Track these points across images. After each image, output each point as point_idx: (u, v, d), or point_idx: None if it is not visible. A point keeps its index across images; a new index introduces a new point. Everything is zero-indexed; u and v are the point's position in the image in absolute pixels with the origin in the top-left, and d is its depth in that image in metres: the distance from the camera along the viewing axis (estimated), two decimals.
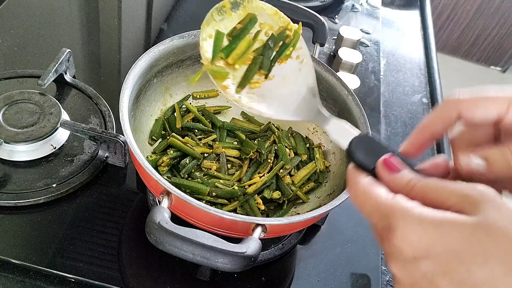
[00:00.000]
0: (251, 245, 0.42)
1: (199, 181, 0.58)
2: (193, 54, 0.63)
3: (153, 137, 0.63)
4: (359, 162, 0.35)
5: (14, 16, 0.84)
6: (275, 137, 0.64)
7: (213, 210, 0.45)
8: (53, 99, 0.66)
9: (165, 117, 0.64)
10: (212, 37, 0.47)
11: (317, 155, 0.63)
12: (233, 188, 0.58)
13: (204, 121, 0.65)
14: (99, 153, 0.64)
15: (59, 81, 0.72)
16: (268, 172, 0.61)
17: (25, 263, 0.53)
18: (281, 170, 0.61)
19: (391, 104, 0.88)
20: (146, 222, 0.42)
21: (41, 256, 0.54)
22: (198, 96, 0.68)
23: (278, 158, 0.62)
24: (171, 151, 0.60)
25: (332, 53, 0.92)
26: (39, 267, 0.53)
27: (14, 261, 0.53)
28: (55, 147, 0.64)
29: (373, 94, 0.87)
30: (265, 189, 0.59)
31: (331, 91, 0.62)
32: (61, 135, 0.65)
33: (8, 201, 0.57)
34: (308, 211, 0.49)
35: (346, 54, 0.85)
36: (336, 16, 1.03)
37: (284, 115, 0.46)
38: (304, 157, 0.63)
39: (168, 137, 0.61)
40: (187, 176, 0.59)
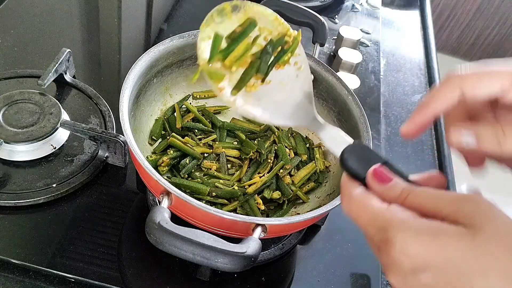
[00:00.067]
0: (251, 245, 0.42)
1: (199, 181, 0.58)
2: (193, 54, 0.63)
3: (153, 137, 0.63)
4: (351, 171, 0.35)
5: (14, 16, 0.84)
6: (275, 137, 0.65)
7: (213, 210, 0.45)
8: (53, 99, 0.66)
9: (165, 117, 0.64)
10: (211, 39, 0.47)
11: (317, 155, 0.63)
12: (233, 188, 0.58)
13: (204, 121, 0.65)
14: (99, 153, 0.64)
15: (59, 81, 0.72)
16: (268, 172, 0.61)
17: (25, 263, 0.53)
18: (281, 170, 0.61)
19: (391, 104, 0.88)
20: (146, 222, 0.42)
21: (41, 256, 0.54)
22: (198, 96, 0.68)
23: (278, 158, 0.62)
24: (171, 151, 0.60)
25: (332, 53, 0.92)
26: (39, 267, 0.53)
27: (14, 261, 0.53)
28: (55, 147, 0.64)
29: (373, 94, 0.87)
30: (265, 189, 0.59)
31: (331, 91, 0.62)
32: (61, 135, 0.65)
33: (8, 201, 0.57)
34: (308, 211, 0.49)
35: (346, 54, 0.85)
36: (336, 16, 1.03)
37: (279, 120, 0.47)
38: (304, 157, 0.63)
39: (168, 137, 0.61)
40: (187, 176, 0.59)
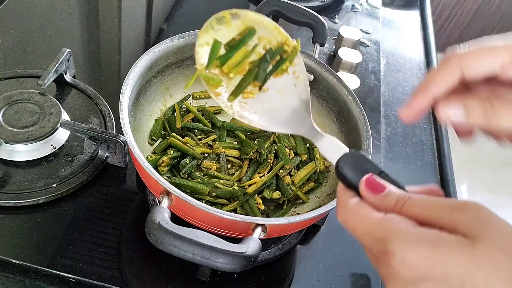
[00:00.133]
0: (251, 245, 0.42)
1: (199, 181, 0.58)
2: (193, 54, 0.63)
3: (153, 137, 0.63)
4: (346, 180, 0.35)
5: (14, 16, 0.84)
6: (275, 137, 0.64)
7: (213, 210, 0.45)
8: (53, 99, 0.66)
9: (165, 117, 0.64)
10: (209, 45, 0.47)
11: (317, 155, 0.63)
12: (233, 188, 0.58)
13: (204, 121, 0.65)
14: (99, 153, 0.64)
15: (59, 81, 0.72)
16: (268, 172, 0.61)
17: (25, 263, 0.53)
18: (281, 170, 0.61)
19: (391, 104, 0.88)
20: (146, 222, 0.42)
21: (41, 256, 0.54)
22: (198, 96, 0.68)
23: (278, 158, 0.62)
24: (171, 151, 0.60)
25: (332, 53, 0.92)
26: (39, 267, 0.53)
27: (14, 261, 0.53)
28: (55, 147, 0.64)
29: (373, 94, 0.87)
30: (265, 189, 0.59)
31: (331, 91, 0.62)
32: (61, 135, 0.65)
33: (8, 201, 0.57)
34: (308, 211, 0.49)
35: (346, 54, 0.85)
36: (336, 16, 1.03)
37: (275, 127, 0.47)
38: (304, 157, 0.63)
39: (168, 137, 0.61)
40: (187, 176, 0.59)
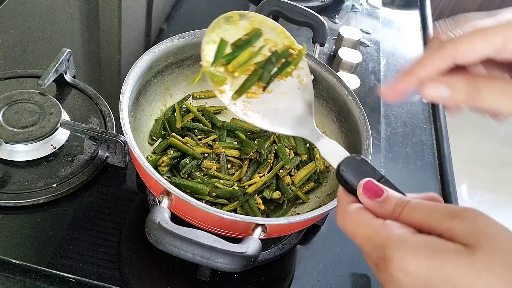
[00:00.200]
0: (251, 245, 0.42)
1: (199, 181, 0.58)
2: (193, 54, 0.63)
3: (153, 137, 0.63)
4: (347, 185, 0.35)
5: (15, 16, 0.84)
6: (275, 137, 0.64)
7: (213, 210, 0.45)
8: (53, 99, 0.66)
9: (165, 117, 0.64)
10: (216, 43, 0.48)
11: (317, 155, 0.63)
12: (233, 188, 0.58)
13: (204, 121, 0.65)
14: (99, 153, 0.64)
15: (59, 81, 0.72)
16: (268, 172, 0.61)
17: (25, 263, 0.53)
18: (281, 170, 0.61)
19: (391, 104, 0.88)
20: (146, 222, 0.42)
21: (41, 256, 0.54)
22: (198, 96, 0.68)
23: (278, 158, 0.62)
24: (171, 151, 0.60)
25: (332, 53, 0.92)
26: (39, 267, 0.53)
27: (14, 261, 0.53)
28: (55, 147, 0.64)
29: (373, 94, 0.87)
30: (265, 189, 0.59)
31: (331, 91, 0.62)
32: (61, 135, 0.65)
33: (8, 201, 0.57)
34: (308, 211, 0.49)
35: (346, 54, 0.85)
36: (336, 16, 1.03)
37: (277, 128, 0.47)
38: (304, 157, 0.63)
39: (168, 137, 0.61)
40: (187, 176, 0.59)
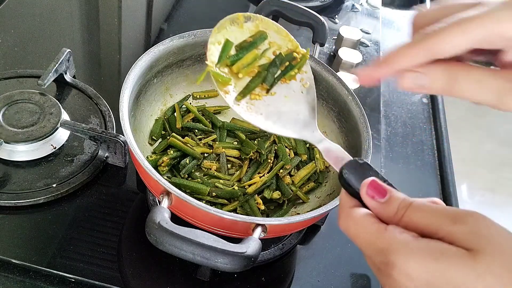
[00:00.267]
0: (251, 245, 0.42)
1: (199, 181, 0.58)
2: (193, 54, 0.63)
3: (153, 137, 0.63)
4: (350, 187, 0.35)
5: (15, 16, 0.84)
6: (275, 137, 0.64)
7: (213, 210, 0.45)
8: (53, 99, 0.66)
9: (165, 117, 0.64)
10: (221, 44, 0.49)
11: (317, 155, 0.63)
12: (233, 188, 0.58)
13: (204, 121, 0.65)
14: (99, 153, 0.64)
15: (59, 81, 0.72)
16: (268, 172, 0.61)
17: (25, 263, 0.53)
18: (281, 170, 0.61)
19: (391, 104, 0.88)
20: (146, 222, 0.42)
21: (41, 256, 0.54)
22: (198, 96, 0.68)
23: (278, 158, 0.62)
24: (171, 151, 0.60)
25: (332, 53, 0.92)
26: (39, 267, 0.53)
27: (14, 261, 0.53)
28: (55, 147, 0.64)
29: (373, 94, 0.87)
30: (265, 189, 0.59)
31: (331, 91, 0.62)
32: (61, 135, 0.65)
33: (8, 201, 0.57)
34: (308, 211, 0.49)
35: (346, 54, 0.85)
36: (336, 16, 1.03)
37: (280, 131, 0.47)
38: (304, 157, 0.63)
39: (168, 137, 0.61)
40: (187, 176, 0.59)
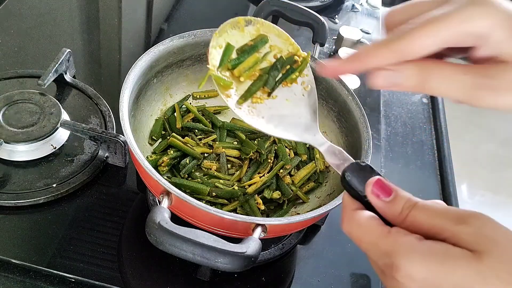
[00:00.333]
0: (251, 245, 0.42)
1: (199, 181, 0.58)
2: (193, 54, 0.63)
3: (153, 137, 0.63)
4: (353, 190, 0.35)
5: (14, 16, 0.84)
6: (275, 137, 0.64)
7: (213, 210, 0.45)
8: (53, 99, 0.66)
9: (165, 117, 0.64)
10: (222, 48, 0.49)
11: (317, 155, 0.63)
12: (233, 188, 0.58)
13: (204, 121, 0.65)
14: (99, 153, 0.64)
15: (59, 81, 0.72)
16: (268, 172, 0.61)
17: (25, 263, 0.53)
18: (281, 170, 0.61)
19: (391, 104, 0.88)
20: (146, 222, 0.42)
21: (41, 256, 0.54)
22: (198, 96, 0.68)
23: (278, 158, 0.62)
24: (171, 151, 0.60)
25: (332, 53, 0.92)
26: (39, 267, 0.53)
27: (14, 261, 0.53)
28: (55, 147, 0.64)
29: (373, 94, 0.87)
30: (265, 189, 0.59)
31: (331, 91, 0.62)
32: (61, 135, 0.65)
33: (8, 201, 0.57)
34: (308, 211, 0.49)
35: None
36: (336, 16, 1.03)
37: (282, 134, 0.47)
38: (304, 157, 0.63)
39: (168, 137, 0.61)
40: (187, 176, 0.59)
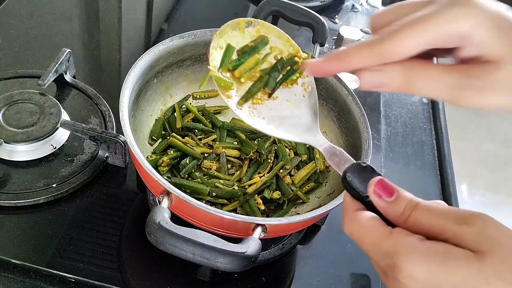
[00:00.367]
0: (251, 245, 0.42)
1: (199, 181, 0.58)
2: (193, 54, 0.63)
3: (153, 137, 0.63)
4: (354, 190, 0.35)
5: (14, 16, 0.84)
6: (275, 137, 0.64)
7: (213, 210, 0.45)
8: (53, 99, 0.66)
9: (165, 117, 0.64)
10: (223, 49, 0.49)
11: (317, 155, 0.63)
12: (233, 188, 0.58)
13: (204, 121, 0.65)
14: (99, 153, 0.64)
15: (59, 81, 0.72)
16: (268, 172, 0.61)
17: (25, 263, 0.53)
18: (281, 170, 0.61)
19: (391, 104, 0.88)
20: (146, 222, 0.42)
21: (41, 256, 0.54)
22: (198, 96, 0.68)
23: (278, 158, 0.62)
24: (171, 151, 0.60)
25: None
26: (39, 267, 0.53)
27: (14, 261, 0.53)
28: (55, 147, 0.64)
29: (373, 94, 0.87)
30: (265, 189, 0.59)
31: (331, 91, 0.62)
32: (61, 135, 0.65)
33: (8, 201, 0.57)
34: (308, 211, 0.49)
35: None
36: (336, 16, 1.03)
37: (282, 135, 0.47)
38: (304, 157, 0.63)
39: (168, 137, 0.61)
40: (187, 176, 0.59)
